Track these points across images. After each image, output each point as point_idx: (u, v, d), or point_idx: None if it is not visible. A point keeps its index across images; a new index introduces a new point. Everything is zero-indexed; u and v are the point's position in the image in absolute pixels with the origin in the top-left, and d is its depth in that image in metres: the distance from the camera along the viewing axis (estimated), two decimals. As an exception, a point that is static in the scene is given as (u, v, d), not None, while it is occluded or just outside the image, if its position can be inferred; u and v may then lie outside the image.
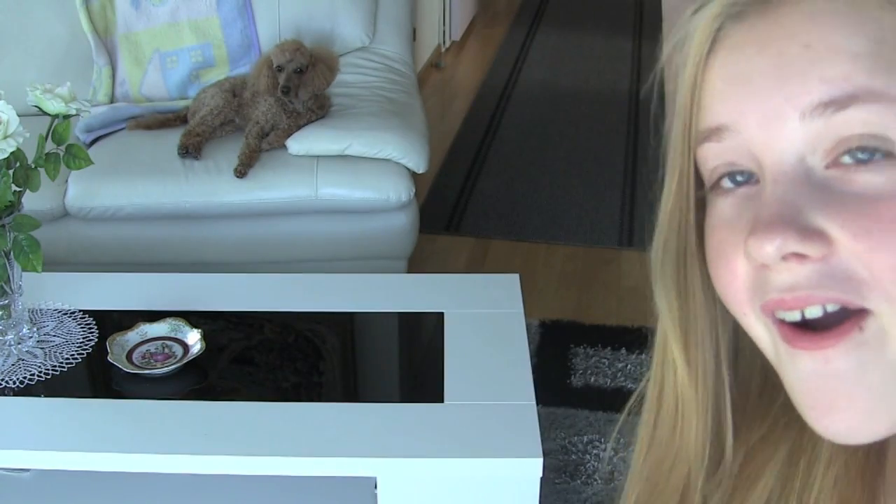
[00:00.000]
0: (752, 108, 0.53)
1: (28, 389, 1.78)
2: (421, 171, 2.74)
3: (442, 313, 2.00)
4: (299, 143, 2.69)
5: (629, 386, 2.60)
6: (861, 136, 0.50)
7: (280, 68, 2.70)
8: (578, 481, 2.26)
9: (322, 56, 2.77)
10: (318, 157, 2.68)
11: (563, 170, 3.94)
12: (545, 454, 1.60)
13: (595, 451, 2.35)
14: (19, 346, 1.87)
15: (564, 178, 3.87)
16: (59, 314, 1.99)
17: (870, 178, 0.50)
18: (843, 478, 0.58)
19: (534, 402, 1.72)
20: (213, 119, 2.76)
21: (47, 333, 1.92)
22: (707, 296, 0.61)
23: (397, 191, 2.64)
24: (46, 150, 1.80)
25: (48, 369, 1.82)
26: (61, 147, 1.82)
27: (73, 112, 1.80)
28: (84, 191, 2.63)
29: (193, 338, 1.87)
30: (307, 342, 1.97)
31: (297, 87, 2.69)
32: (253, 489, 1.86)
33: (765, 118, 0.52)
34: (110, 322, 1.99)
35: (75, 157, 1.83)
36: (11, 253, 1.79)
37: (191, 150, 2.70)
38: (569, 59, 5.30)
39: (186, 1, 2.94)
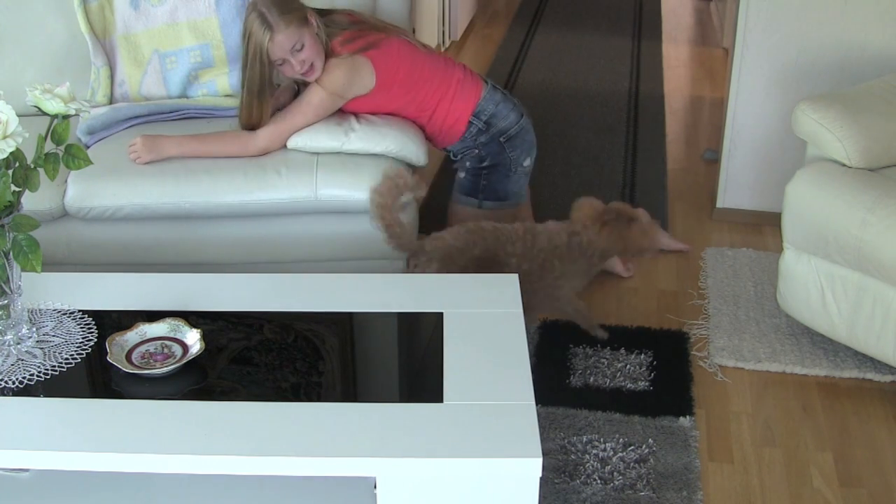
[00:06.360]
0: None
1: (27, 389, 1.78)
2: (422, 164, 2.73)
3: (441, 313, 2.00)
4: (297, 137, 2.69)
5: (628, 386, 2.60)
6: None
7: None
8: (577, 481, 2.26)
9: None
10: (317, 156, 2.68)
11: (562, 170, 3.94)
12: (544, 454, 1.60)
13: (594, 451, 2.36)
14: (19, 346, 1.87)
15: (564, 179, 3.87)
16: (59, 314, 1.99)
17: None
18: None
19: (533, 402, 1.72)
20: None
21: (47, 333, 1.93)
22: None
23: (397, 191, 2.64)
24: (46, 150, 1.80)
25: (47, 369, 1.82)
26: (61, 147, 1.82)
27: (73, 112, 1.80)
28: (83, 191, 2.63)
29: (193, 338, 1.88)
30: (306, 342, 1.97)
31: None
32: (253, 489, 1.86)
33: None
34: (109, 322, 1.99)
35: (74, 157, 1.83)
36: (11, 253, 1.79)
37: None
38: (568, 60, 5.30)
39: (185, 1, 2.93)
